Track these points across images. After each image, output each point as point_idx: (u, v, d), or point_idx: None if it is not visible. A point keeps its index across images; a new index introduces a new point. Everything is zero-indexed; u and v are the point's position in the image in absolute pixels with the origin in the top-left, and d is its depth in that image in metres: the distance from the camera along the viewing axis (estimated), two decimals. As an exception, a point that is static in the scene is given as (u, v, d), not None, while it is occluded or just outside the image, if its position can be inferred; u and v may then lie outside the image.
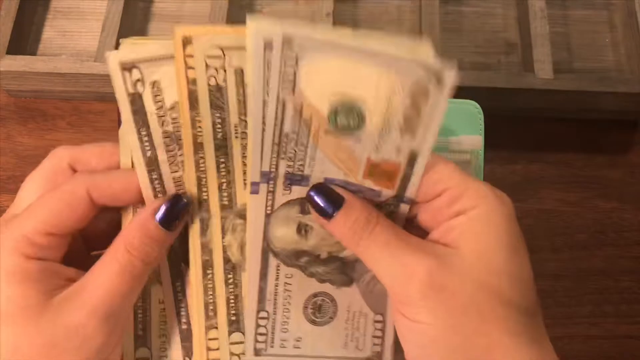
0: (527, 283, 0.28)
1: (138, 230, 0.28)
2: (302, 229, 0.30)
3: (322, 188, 0.29)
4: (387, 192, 0.29)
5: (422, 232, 0.29)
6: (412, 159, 0.29)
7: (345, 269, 0.31)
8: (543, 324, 0.28)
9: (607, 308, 0.47)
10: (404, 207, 0.30)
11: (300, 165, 0.29)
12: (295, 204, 0.30)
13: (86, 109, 0.53)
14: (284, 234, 0.30)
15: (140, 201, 0.30)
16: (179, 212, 0.29)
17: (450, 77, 0.28)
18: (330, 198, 0.29)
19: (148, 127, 0.29)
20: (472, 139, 0.43)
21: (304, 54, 0.27)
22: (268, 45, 0.26)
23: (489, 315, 0.26)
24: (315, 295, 0.31)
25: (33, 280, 0.27)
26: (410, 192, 0.29)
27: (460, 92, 0.48)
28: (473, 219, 0.28)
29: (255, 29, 0.26)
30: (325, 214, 0.28)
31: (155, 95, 0.29)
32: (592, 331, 0.47)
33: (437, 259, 0.27)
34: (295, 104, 0.28)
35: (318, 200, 0.29)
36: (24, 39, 0.54)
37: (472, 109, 0.45)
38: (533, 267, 0.47)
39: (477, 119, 0.45)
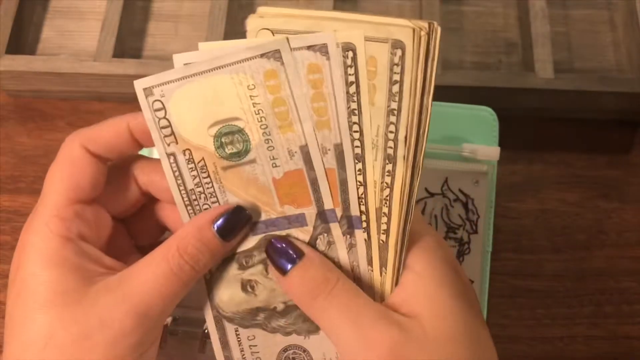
0: (484, 341, 0.27)
1: (194, 235, 0.27)
2: (247, 286, 0.28)
3: (280, 240, 0.27)
4: (310, 212, 0.27)
5: None
6: (307, 158, 0.27)
7: (307, 316, 0.28)
8: None
9: (608, 308, 0.47)
10: (336, 226, 0.27)
11: None
12: (232, 261, 0.28)
13: (85, 109, 0.53)
14: (230, 296, 0.29)
15: (133, 147, 0.28)
16: (239, 223, 0.28)
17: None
18: (287, 251, 0.27)
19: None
20: (490, 150, 0.42)
21: (168, 98, 0.26)
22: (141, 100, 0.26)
23: None
24: (285, 349, 0.29)
25: (70, 265, 0.26)
26: (327, 200, 0.27)
27: (461, 92, 0.48)
28: (424, 277, 0.27)
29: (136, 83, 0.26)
30: (281, 269, 0.27)
31: None
32: (593, 331, 0.47)
33: (400, 330, 0.25)
34: (183, 152, 0.27)
35: (274, 253, 0.27)
36: (23, 38, 0.54)
37: (487, 115, 0.44)
38: (533, 267, 0.48)
39: (492, 127, 0.43)
